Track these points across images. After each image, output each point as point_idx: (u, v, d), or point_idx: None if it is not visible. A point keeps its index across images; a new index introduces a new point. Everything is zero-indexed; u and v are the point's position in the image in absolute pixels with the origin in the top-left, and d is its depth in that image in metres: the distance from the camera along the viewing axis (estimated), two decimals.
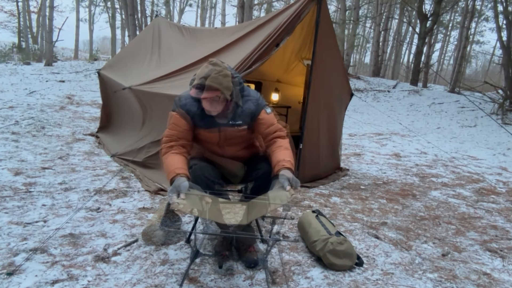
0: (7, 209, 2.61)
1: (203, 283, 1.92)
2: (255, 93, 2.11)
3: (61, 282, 1.82)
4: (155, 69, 4.50)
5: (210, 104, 1.92)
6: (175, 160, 1.92)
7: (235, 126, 2.05)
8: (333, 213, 3.09)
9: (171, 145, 2.00)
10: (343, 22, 17.02)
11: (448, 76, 26.29)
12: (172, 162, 1.90)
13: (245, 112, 2.04)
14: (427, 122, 9.99)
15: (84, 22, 26.99)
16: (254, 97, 2.08)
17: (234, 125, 2.04)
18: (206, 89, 1.84)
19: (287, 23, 3.36)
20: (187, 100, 2.01)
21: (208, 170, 2.04)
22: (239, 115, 2.03)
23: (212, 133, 2.06)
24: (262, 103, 2.09)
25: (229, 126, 2.04)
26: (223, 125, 2.03)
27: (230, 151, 2.15)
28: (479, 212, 3.45)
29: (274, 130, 2.06)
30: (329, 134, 4.14)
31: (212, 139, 2.09)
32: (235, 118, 2.03)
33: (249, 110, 2.04)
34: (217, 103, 1.92)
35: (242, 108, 2.03)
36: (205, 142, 2.15)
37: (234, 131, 2.06)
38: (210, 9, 30.37)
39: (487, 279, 2.17)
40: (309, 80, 3.60)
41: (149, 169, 3.62)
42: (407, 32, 28.50)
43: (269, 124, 2.06)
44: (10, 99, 7.55)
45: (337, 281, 2.03)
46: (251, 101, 2.06)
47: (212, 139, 2.09)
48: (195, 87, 1.87)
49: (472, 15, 17.78)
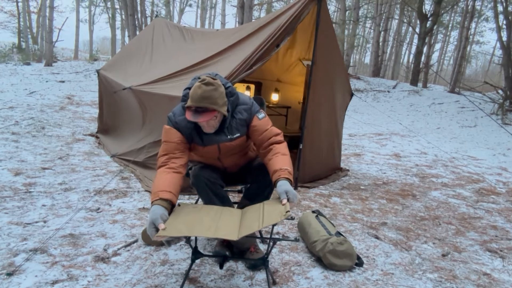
0: (7, 209, 2.61)
1: (203, 283, 1.92)
2: (248, 99, 2.05)
3: (61, 283, 1.82)
4: (155, 70, 4.50)
5: (208, 124, 1.87)
6: (163, 180, 1.80)
7: (233, 140, 2.00)
8: (333, 213, 3.09)
9: (165, 160, 1.89)
10: (343, 22, 17.02)
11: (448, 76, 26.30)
12: (159, 183, 1.78)
13: (240, 122, 1.99)
14: (427, 122, 9.99)
15: (84, 22, 27.02)
16: (247, 105, 2.01)
17: (232, 139, 2.00)
18: (202, 112, 1.77)
19: (288, 23, 3.36)
20: (181, 118, 1.92)
21: (208, 170, 2.04)
22: (235, 127, 1.98)
23: (210, 149, 2.01)
24: (255, 109, 2.02)
25: (228, 140, 1.99)
26: (221, 140, 1.98)
27: (229, 161, 2.13)
28: (479, 212, 3.45)
29: (269, 136, 1.99)
30: (329, 134, 4.14)
31: (211, 154, 2.05)
32: (232, 131, 1.98)
33: (242, 119, 1.99)
34: (214, 122, 1.87)
35: (236, 119, 1.98)
36: (204, 156, 2.11)
37: (232, 144, 2.02)
38: (210, 10, 30.37)
39: (487, 279, 2.17)
40: (309, 80, 3.60)
41: (149, 169, 3.62)
42: (407, 32, 28.53)
43: (263, 130, 2.00)
44: (10, 99, 7.55)
45: (337, 281, 2.03)
46: (244, 109, 2.00)
47: (211, 154, 2.05)
48: (192, 111, 1.79)
49: (472, 15, 17.77)
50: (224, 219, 1.74)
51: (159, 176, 1.84)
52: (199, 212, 1.81)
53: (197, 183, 1.99)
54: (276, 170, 1.83)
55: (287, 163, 1.87)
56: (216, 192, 2.01)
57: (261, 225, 1.61)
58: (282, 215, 1.59)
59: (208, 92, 1.77)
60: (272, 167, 1.87)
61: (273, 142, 1.97)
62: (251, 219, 1.72)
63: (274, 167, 1.86)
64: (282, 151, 1.93)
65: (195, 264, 2.07)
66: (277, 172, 1.82)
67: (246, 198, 2.17)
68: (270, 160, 1.91)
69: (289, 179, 1.80)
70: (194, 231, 1.63)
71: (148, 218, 1.65)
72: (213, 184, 1.99)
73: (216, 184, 2.02)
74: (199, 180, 1.97)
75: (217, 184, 2.02)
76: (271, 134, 1.99)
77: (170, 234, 1.59)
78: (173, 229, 1.61)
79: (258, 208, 1.82)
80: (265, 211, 1.73)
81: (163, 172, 1.85)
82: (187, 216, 1.75)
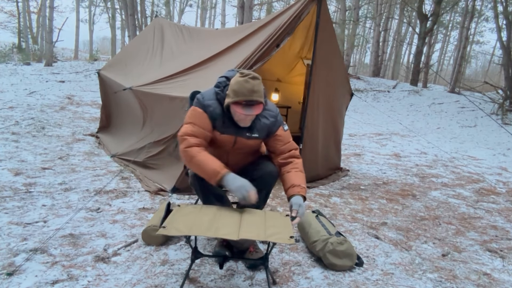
0: (7, 209, 2.61)
1: (203, 283, 1.92)
2: (274, 107, 2.13)
3: (61, 282, 1.82)
4: (156, 70, 4.50)
5: (250, 118, 1.94)
6: (213, 159, 1.86)
7: (251, 138, 2.05)
8: (333, 213, 3.10)
9: (198, 143, 1.91)
10: (343, 22, 17.02)
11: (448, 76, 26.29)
12: (213, 161, 1.84)
13: (262, 125, 2.04)
14: (427, 122, 9.99)
15: (84, 22, 27.03)
16: (273, 112, 2.09)
17: (251, 137, 2.04)
18: (252, 105, 1.86)
19: (288, 23, 3.36)
20: (212, 102, 1.98)
21: None
22: (256, 128, 2.03)
23: (227, 138, 2.03)
24: (280, 119, 2.11)
25: (245, 137, 2.04)
26: (240, 134, 2.02)
27: (235, 159, 2.13)
28: (479, 212, 3.45)
29: (290, 148, 2.09)
30: (329, 134, 4.14)
31: (225, 143, 2.06)
32: (252, 130, 2.02)
33: (266, 123, 2.04)
34: (253, 116, 1.95)
35: (260, 121, 2.03)
36: (214, 145, 2.12)
37: (248, 142, 2.07)
38: (210, 10, 30.37)
39: (487, 279, 2.17)
40: (309, 80, 3.60)
41: (149, 169, 3.62)
42: (407, 32, 28.52)
43: (286, 142, 2.09)
44: (10, 99, 7.55)
45: (337, 281, 2.03)
46: (270, 115, 2.06)
47: (224, 144, 2.06)
48: (242, 105, 1.86)
49: (472, 15, 17.77)
50: (224, 219, 1.75)
51: (206, 155, 1.87)
52: (199, 212, 1.82)
53: (195, 183, 1.99)
54: (295, 185, 1.95)
55: (304, 181, 2.00)
56: (214, 192, 2.01)
57: (265, 238, 1.63)
58: (287, 238, 1.62)
59: (257, 86, 1.87)
60: (290, 180, 1.98)
61: (293, 156, 2.09)
62: (254, 225, 1.73)
63: (293, 182, 1.97)
64: (300, 168, 2.06)
65: (195, 264, 2.07)
66: (296, 187, 1.94)
67: None
68: (289, 173, 2.02)
69: (304, 196, 1.93)
70: (194, 230, 1.63)
71: (236, 183, 1.78)
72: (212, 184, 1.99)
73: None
74: (197, 180, 1.97)
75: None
76: (292, 147, 2.11)
77: (170, 233, 1.60)
78: (173, 228, 1.62)
79: (260, 215, 1.85)
80: (269, 223, 1.76)
81: (204, 151, 1.89)
82: (187, 216, 1.75)
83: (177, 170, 3.24)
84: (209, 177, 1.83)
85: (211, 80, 3.25)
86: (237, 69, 2.02)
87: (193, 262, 1.89)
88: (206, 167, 1.83)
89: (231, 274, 2.03)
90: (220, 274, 2.02)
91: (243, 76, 1.87)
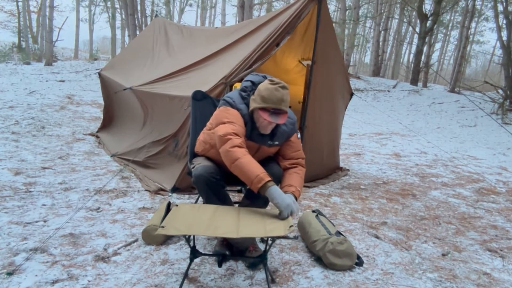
0: (7, 209, 2.61)
1: (203, 283, 1.92)
2: (293, 115, 2.15)
3: (61, 282, 1.82)
4: (156, 70, 4.50)
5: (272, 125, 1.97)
6: (256, 163, 1.83)
7: (272, 146, 2.09)
8: (333, 213, 3.10)
9: (242, 143, 1.87)
10: (343, 22, 17.01)
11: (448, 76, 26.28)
12: (255, 165, 1.81)
13: (283, 132, 2.07)
14: (427, 122, 9.99)
15: (84, 22, 27.01)
16: (293, 120, 2.12)
17: (272, 145, 2.08)
18: (279, 114, 1.88)
19: (288, 23, 3.36)
20: (242, 106, 2.01)
21: (211, 169, 2.04)
22: (278, 136, 2.06)
23: (251, 145, 2.05)
24: (296, 126, 2.15)
25: (267, 145, 2.07)
26: (264, 143, 2.05)
27: None
28: (479, 212, 3.45)
29: (299, 156, 2.14)
30: (329, 134, 4.14)
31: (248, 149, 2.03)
32: (274, 138, 2.06)
33: (286, 130, 2.08)
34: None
35: (281, 129, 2.06)
36: None
37: (269, 149, 2.11)
38: (210, 9, 30.35)
39: (487, 279, 2.17)
40: (309, 80, 3.60)
41: (149, 169, 3.62)
42: (407, 32, 28.50)
43: (297, 149, 2.14)
44: (10, 99, 7.54)
45: (337, 280, 2.03)
46: (290, 123, 2.09)
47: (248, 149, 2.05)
48: (269, 112, 1.88)
49: (472, 15, 17.77)
50: (223, 218, 1.76)
51: (250, 158, 1.84)
52: (197, 211, 1.82)
53: (198, 182, 1.99)
54: (292, 185, 1.97)
55: (301, 186, 2.03)
56: (217, 192, 2.01)
57: (265, 234, 1.64)
58: (286, 229, 1.63)
59: (286, 96, 1.90)
60: (289, 180, 2.01)
61: (300, 164, 2.14)
62: (253, 222, 1.74)
63: (291, 182, 1.99)
64: (302, 175, 2.11)
65: (195, 264, 2.07)
66: (292, 187, 1.96)
67: (247, 198, 2.17)
68: (290, 174, 2.06)
69: (296, 197, 1.94)
70: (193, 230, 1.63)
71: (286, 201, 1.76)
72: (214, 184, 1.99)
73: (217, 184, 2.02)
74: (200, 179, 1.97)
75: (218, 184, 2.02)
76: (301, 155, 2.17)
77: (169, 233, 1.60)
78: (172, 228, 1.62)
79: (260, 213, 1.85)
80: (268, 220, 1.77)
81: (248, 154, 1.86)
82: (186, 216, 1.75)
83: (177, 169, 3.24)
84: (251, 182, 1.80)
85: (211, 79, 3.27)
86: (262, 74, 2.05)
87: (192, 261, 1.89)
88: (250, 171, 1.80)
89: (231, 274, 2.03)
90: (220, 273, 2.02)
91: (273, 83, 1.89)
